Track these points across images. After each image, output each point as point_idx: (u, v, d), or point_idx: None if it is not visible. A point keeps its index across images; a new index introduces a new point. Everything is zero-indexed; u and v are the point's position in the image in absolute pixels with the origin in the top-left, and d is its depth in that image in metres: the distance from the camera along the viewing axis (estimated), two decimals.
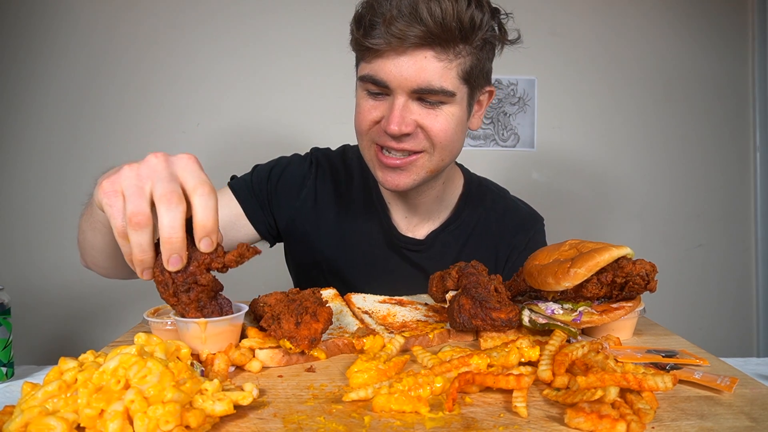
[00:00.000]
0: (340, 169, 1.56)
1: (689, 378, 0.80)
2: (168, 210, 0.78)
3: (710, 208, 3.03)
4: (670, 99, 2.99)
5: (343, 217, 1.51)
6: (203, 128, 2.82)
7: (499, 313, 0.96)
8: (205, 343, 0.87)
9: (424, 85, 1.20)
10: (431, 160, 1.30)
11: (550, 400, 0.74)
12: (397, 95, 1.22)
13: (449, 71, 1.21)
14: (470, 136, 2.92)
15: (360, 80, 1.28)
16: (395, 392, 0.73)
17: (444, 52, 1.19)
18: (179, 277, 0.84)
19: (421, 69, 1.18)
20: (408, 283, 1.42)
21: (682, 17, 2.98)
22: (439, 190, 1.49)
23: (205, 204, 0.80)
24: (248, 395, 0.72)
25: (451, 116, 1.26)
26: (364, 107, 1.29)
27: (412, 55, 1.18)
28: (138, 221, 0.78)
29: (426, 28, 1.14)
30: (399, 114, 1.21)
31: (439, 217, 1.54)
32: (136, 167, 0.82)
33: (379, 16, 1.16)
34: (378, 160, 1.31)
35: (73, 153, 2.76)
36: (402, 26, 1.14)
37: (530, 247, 1.53)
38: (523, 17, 3.15)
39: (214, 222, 0.81)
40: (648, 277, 0.95)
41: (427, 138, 1.27)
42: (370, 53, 1.21)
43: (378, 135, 1.28)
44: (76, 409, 0.65)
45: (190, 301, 0.86)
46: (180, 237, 0.79)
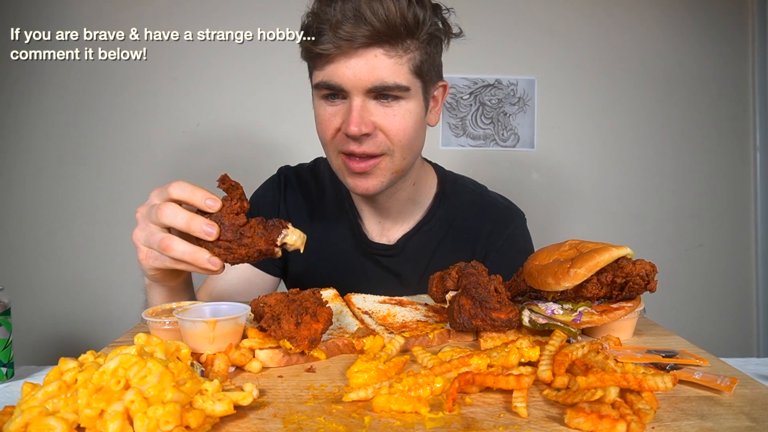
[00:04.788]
0: (310, 183, 1.60)
1: (689, 378, 0.80)
2: (171, 214, 0.94)
3: (710, 208, 3.03)
4: (670, 99, 2.99)
5: (317, 230, 1.54)
6: (203, 128, 2.82)
7: (499, 313, 0.96)
8: (213, 343, 0.88)
9: (378, 82, 1.23)
10: (393, 161, 1.33)
11: (550, 400, 0.74)
12: (354, 97, 1.24)
13: (401, 66, 1.25)
14: (470, 136, 2.92)
15: (315, 88, 1.31)
16: (395, 392, 0.73)
17: (393, 49, 1.23)
18: (228, 235, 0.92)
19: (373, 67, 1.22)
20: (385, 289, 1.42)
21: (682, 17, 2.98)
22: (410, 191, 1.49)
23: (180, 188, 0.95)
24: (248, 395, 0.72)
25: (408, 113, 1.29)
26: (323, 116, 1.31)
27: (363, 55, 1.22)
28: (166, 245, 0.94)
29: (372, 27, 1.18)
30: (357, 115, 1.24)
31: (413, 218, 1.54)
32: (137, 230, 1.01)
33: (325, 22, 1.20)
34: (346, 167, 1.33)
35: (74, 153, 2.76)
36: (349, 29, 1.18)
37: (509, 243, 1.54)
38: (522, 17, 3.16)
39: (194, 187, 0.95)
40: (648, 277, 0.95)
41: (387, 139, 1.29)
42: (321, 59, 1.24)
43: (341, 143, 1.30)
44: (76, 409, 0.65)
45: (254, 240, 0.93)
46: (193, 216, 0.93)
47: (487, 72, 2.88)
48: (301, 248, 0.97)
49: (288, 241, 0.95)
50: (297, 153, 2.00)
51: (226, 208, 0.94)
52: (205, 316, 0.93)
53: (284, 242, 0.95)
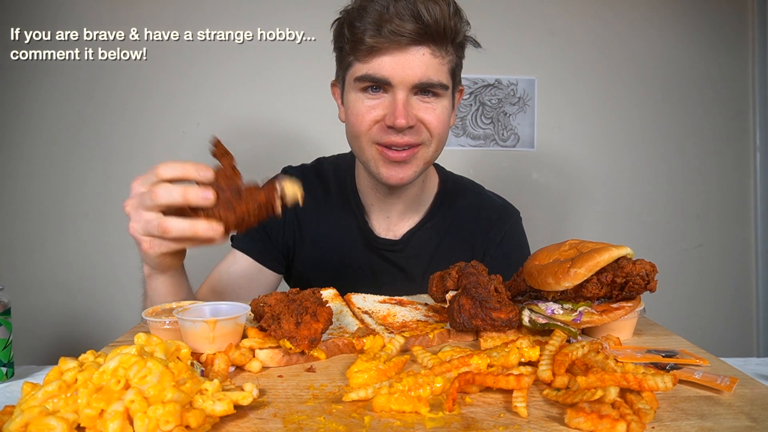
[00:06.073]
0: (315, 183, 1.62)
1: (689, 378, 0.80)
2: (165, 192, 0.96)
3: (710, 208, 3.03)
4: (670, 99, 2.99)
5: (324, 226, 1.57)
6: (203, 128, 2.82)
7: (499, 313, 0.96)
8: (213, 342, 0.88)
9: (425, 79, 1.29)
10: (428, 151, 1.39)
11: (550, 400, 0.74)
12: (398, 91, 1.29)
13: (443, 66, 1.32)
14: (470, 136, 2.92)
15: (357, 80, 1.33)
16: (395, 392, 0.73)
17: (438, 50, 1.29)
18: (226, 195, 0.94)
19: (422, 65, 1.28)
20: (392, 284, 1.48)
21: (683, 17, 2.97)
22: (419, 188, 1.54)
23: (169, 168, 0.99)
24: (248, 395, 0.72)
25: (444, 109, 1.37)
26: (360, 108, 1.34)
27: (412, 52, 1.27)
28: (164, 228, 0.96)
29: (425, 26, 1.23)
30: (403, 108, 1.29)
31: (417, 215, 1.58)
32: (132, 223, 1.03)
33: (376, 16, 1.24)
34: (382, 157, 1.37)
35: (74, 153, 2.76)
36: (402, 24, 1.23)
37: (507, 240, 1.60)
38: (522, 17, 3.16)
39: (183, 163, 0.99)
40: (648, 277, 0.95)
41: (427, 130, 1.35)
42: (367, 53, 1.28)
43: (380, 134, 1.33)
44: (76, 409, 0.65)
45: (252, 193, 0.95)
46: (187, 188, 0.95)
47: (487, 72, 2.87)
48: (300, 200, 0.99)
49: (287, 191, 0.97)
50: (297, 152, 2.01)
51: (220, 173, 0.97)
52: (205, 316, 0.93)
53: (283, 192, 0.97)
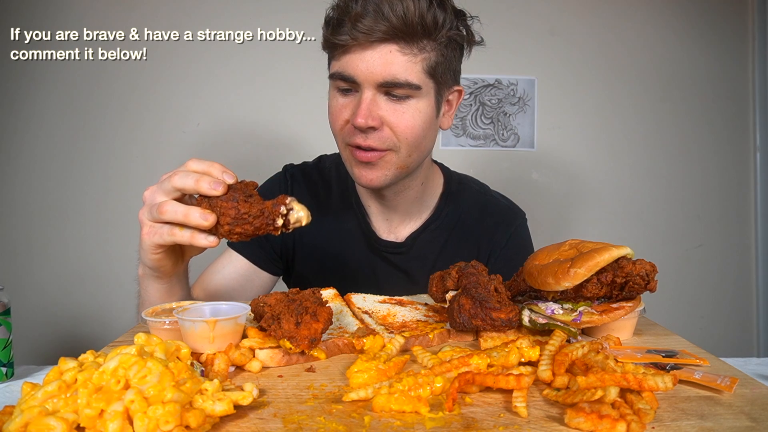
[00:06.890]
0: (317, 180, 1.60)
1: (689, 378, 0.80)
2: (182, 174, 0.98)
3: (710, 208, 3.03)
4: (670, 99, 2.99)
5: (325, 226, 1.55)
6: (204, 128, 2.82)
7: (499, 313, 0.96)
8: (213, 342, 0.88)
9: (389, 78, 1.25)
10: (399, 157, 1.34)
11: (550, 400, 0.74)
12: (365, 89, 1.27)
13: (414, 65, 1.26)
14: (470, 136, 2.92)
15: (330, 78, 1.34)
16: (395, 392, 0.73)
17: (408, 47, 1.25)
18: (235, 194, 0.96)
19: (387, 62, 1.24)
20: (394, 286, 1.45)
21: (683, 17, 2.97)
22: (418, 191, 1.51)
23: (198, 162, 1.00)
24: (248, 395, 0.72)
25: (417, 112, 1.30)
26: (335, 107, 1.34)
27: (378, 49, 1.25)
28: (161, 208, 0.98)
29: (389, 23, 1.21)
30: (366, 107, 1.27)
31: (420, 217, 1.56)
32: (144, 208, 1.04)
33: (346, 14, 1.24)
34: (354, 158, 1.35)
35: (74, 153, 2.76)
36: (367, 22, 1.22)
37: (512, 242, 1.57)
38: (522, 17, 3.16)
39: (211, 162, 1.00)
40: (648, 277, 0.95)
41: (394, 135, 1.30)
42: (339, 50, 1.28)
43: (349, 134, 1.32)
44: (76, 409, 0.65)
45: (260, 201, 0.97)
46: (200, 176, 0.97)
47: (487, 72, 2.87)
48: (304, 220, 0.99)
49: (294, 208, 0.98)
50: (298, 152, 2.00)
51: (239, 182, 1.00)
52: (205, 316, 0.93)
53: (290, 210, 0.98)
